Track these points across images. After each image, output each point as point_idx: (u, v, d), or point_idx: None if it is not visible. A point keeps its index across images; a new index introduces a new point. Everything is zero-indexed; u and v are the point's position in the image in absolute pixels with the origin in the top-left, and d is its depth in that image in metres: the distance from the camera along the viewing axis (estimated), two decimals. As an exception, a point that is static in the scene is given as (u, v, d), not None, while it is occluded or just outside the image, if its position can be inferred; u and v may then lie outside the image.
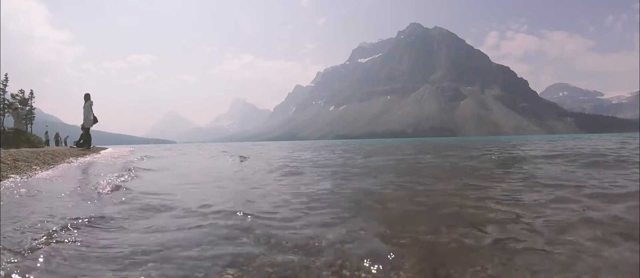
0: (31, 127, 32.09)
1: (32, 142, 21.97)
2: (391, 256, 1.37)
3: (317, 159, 8.32)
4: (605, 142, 14.56)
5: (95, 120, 12.28)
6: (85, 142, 12.79)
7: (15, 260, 1.32)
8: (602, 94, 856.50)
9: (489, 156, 7.71)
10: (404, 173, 4.79)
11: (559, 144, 14.29)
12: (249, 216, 2.09)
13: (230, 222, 1.96)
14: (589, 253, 1.40)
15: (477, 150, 10.80)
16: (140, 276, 1.26)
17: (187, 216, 2.15)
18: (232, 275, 1.28)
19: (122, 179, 4.06)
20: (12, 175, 4.10)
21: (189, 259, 1.41)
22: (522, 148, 11.21)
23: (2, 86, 31.86)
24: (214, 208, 2.32)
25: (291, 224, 1.93)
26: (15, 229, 1.75)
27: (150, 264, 1.35)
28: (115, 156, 11.28)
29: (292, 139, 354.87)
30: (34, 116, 34.78)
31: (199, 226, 1.89)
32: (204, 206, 2.43)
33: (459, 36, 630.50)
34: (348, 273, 1.26)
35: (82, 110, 12.22)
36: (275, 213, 2.21)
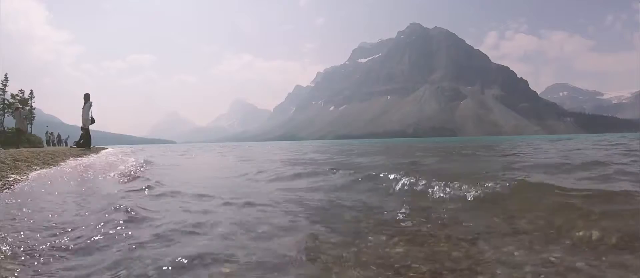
0: (31, 127, 32.14)
1: (32, 142, 22.00)
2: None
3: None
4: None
5: (92, 120, 12.34)
6: (85, 142, 12.85)
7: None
8: (602, 94, 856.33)
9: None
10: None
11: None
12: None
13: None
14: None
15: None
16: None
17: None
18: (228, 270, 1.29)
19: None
20: (12, 175, 3.99)
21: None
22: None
23: (2, 86, 31.93)
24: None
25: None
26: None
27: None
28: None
29: (292, 139, 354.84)
30: (34, 116, 34.87)
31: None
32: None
33: (458, 35, 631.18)
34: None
35: (82, 111, 12.29)
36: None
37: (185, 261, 1.43)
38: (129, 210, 2.25)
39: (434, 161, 6.80)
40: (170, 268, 1.36)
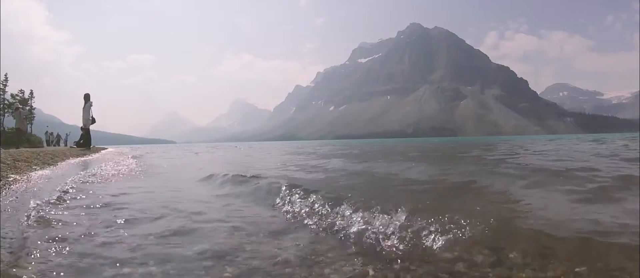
0: (31, 127, 32.18)
1: (32, 142, 22.07)
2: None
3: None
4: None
5: (93, 120, 12.40)
6: (85, 142, 12.91)
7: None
8: (602, 94, 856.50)
9: None
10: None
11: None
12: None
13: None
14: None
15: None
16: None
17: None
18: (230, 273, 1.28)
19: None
20: (12, 175, 3.99)
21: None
22: None
23: (2, 86, 31.96)
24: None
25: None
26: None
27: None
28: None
29: (292, 139, 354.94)
30: (34, 116, 34.89)
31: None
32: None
33: (458, 35, 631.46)
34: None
35: (82, 111, 12.35)
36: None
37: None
38: (36, 215, 2.14)
39: (408, 162, 6.38)
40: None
